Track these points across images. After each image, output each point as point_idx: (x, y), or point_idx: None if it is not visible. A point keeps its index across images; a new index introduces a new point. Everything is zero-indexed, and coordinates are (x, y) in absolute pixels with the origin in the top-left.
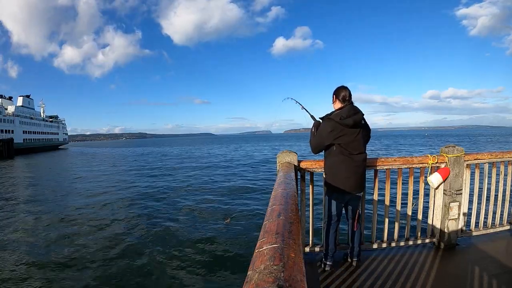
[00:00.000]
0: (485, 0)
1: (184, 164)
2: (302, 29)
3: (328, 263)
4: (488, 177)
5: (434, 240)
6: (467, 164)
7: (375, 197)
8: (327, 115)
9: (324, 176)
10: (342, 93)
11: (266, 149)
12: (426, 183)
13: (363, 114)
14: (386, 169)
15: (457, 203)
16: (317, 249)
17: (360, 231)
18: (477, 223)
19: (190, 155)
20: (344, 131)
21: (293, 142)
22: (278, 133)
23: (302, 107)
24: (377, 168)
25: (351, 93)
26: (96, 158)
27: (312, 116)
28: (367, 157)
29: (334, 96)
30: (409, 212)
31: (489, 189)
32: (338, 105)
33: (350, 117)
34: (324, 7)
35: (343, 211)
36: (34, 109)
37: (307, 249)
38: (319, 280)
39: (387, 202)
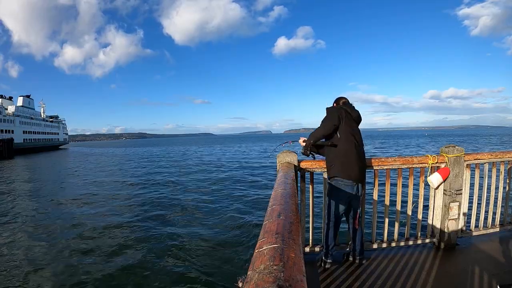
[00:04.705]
0: (487, 0)
1: (185, 162)
2: (304, 28)
3: (328, 261)
4: (488, 177)
5: (434, 240)
6: (467, 164)
7: (375, 197)
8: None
9: (326, 175)
10: (342, 100)
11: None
12: (426, 183)
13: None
14: (386, 169)
15: (457, 203)
16: (317, 249)
17: (361, 230)
18: (477, 223)
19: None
20: (348, 116)
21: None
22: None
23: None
24: (377, 168)
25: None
26: (96, 158)
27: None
28: (366, 156)
29: (335, 104)
30: (409, 212)
31: (489, 189)
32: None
33: (353, 110)
34: (326, 7)
35: (344, 211)
36: (34, 109)
37: (307, 249)
38: (319, 280)
39: (387, 202)
